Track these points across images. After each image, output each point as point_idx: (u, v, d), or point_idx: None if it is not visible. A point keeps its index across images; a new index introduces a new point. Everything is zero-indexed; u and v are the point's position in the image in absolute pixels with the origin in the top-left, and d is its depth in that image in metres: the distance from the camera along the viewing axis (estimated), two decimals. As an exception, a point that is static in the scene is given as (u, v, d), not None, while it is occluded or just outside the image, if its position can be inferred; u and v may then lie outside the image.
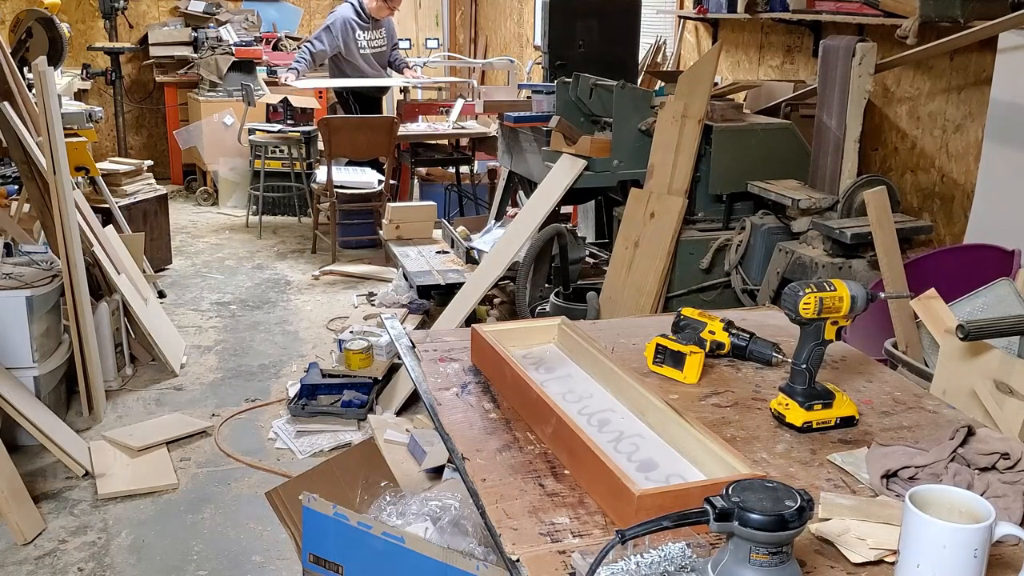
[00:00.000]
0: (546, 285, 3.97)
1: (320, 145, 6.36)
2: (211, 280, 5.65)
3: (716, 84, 4.36)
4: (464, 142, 6.51)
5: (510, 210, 4.82)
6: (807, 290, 1.47)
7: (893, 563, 1.10)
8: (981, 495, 1.21)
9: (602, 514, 1.24)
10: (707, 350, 1.75)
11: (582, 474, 1.31)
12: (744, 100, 4.37)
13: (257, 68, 7.77)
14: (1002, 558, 1.13)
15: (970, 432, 1.29)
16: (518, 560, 1.14)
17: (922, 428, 1.53)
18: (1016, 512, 1.18)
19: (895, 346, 2.66)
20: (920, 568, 1.03)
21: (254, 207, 6.82)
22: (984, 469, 1.25)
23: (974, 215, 3.30)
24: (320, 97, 7.77)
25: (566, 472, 1.35)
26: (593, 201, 4.71)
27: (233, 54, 7.64)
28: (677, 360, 1.68)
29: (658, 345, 1.71)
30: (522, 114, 4.50)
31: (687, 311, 1.81)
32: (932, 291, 2.41)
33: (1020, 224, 2.96)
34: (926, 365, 2.49)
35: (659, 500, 1.17)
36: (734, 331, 1.79)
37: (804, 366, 1.52)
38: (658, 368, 1.71)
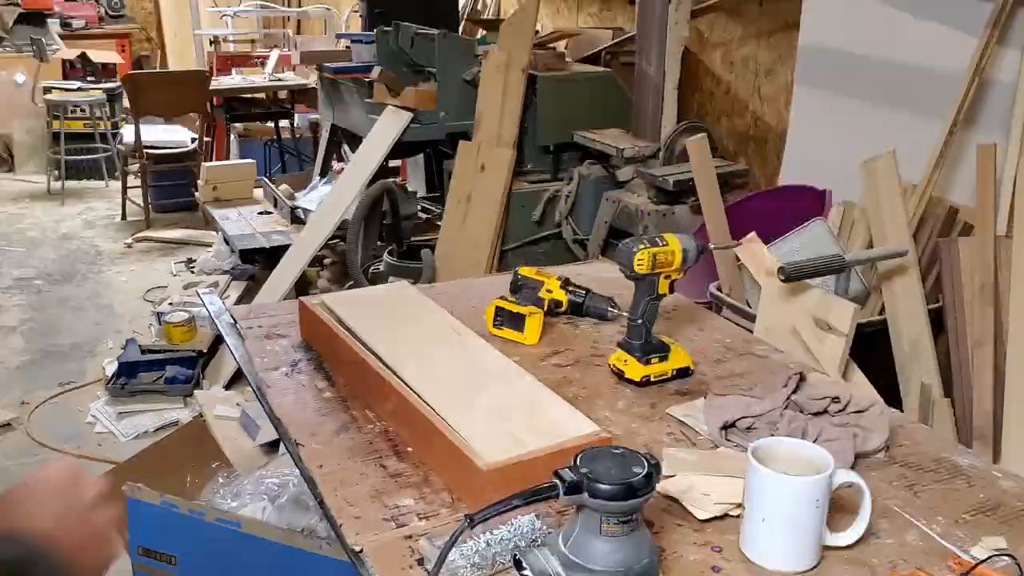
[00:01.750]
0: (378, 243, 3.87)
1: (126, 102, 5.94)
2: (11, 254, 5.21)
3: (537, 32, 4.33)
4: (283, 95, 6.26)
5: (335, 165, 4.67)
6: (640, 246, 1.46)
7: (738, 516, 1.11)
8: (815, 440, 1.25)
9: (448, 491, 1.20)
10: (545, 309, 1.73)
11: (426, 451, 1.26)
12: (566, 48, 4.37)
13: (49, 20, 7.16)
14: (837, 501, 1.16)
15: (802, 378, 1.33)
16: (362, 551, 1.08)
17: (754, 373, 1.57)
18: (848, 454, 1.22)
19: (719, 289, 2.74)
20: (766, 522, 1.04)
21: (55, 172, 6.32)
22: (817, 414, 1.29)
23: (787, 157, 3.44)
24: (123, 51, 7.25)
25: (409, 449, 1.29)
26: (422, 154, 4.63)
27: (19, 4, 7.00)
28: (516, 322, 1.65)
29: (497, 308, 1.67)
30: (342, 65, 4.34)
31: (524, 270, 1.78)
32: (752, 234, 2.48)
33: (831, 164, 3.10)
34: (749, 306, 2.58)
35: (507, 473, 1.14)
36: (571, 288, 1.78)
37: (640, 321, 1.52)
38: (498, 331, 1.67)
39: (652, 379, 1.52)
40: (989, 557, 1.05)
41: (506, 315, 1.66)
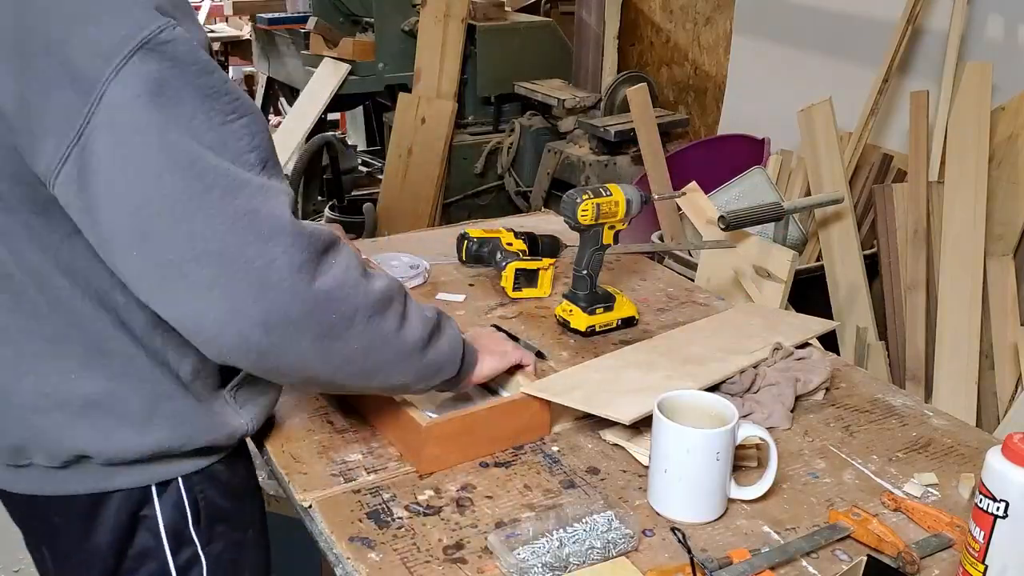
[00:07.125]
0: (319, 198, 3.82)
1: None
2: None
3: (476, -19, 4.28)
4: (215, 47, 6.09)
5: (273, 119, 4.58)
6: (584, 196, 1.47)
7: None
8: (757, 385, 1.27)
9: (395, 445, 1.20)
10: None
11: (369, 410, 1.25)
12: (505, -3, 4.32)
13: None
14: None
15: (742, 325, 1.35)
16: (310, 506, 1.08)
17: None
18: (789, 397, 1.25)
19: (661, 239, 2.77)
20: (668, 473, 1.05)
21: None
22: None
23: (726, 106, 3.46)
24: None
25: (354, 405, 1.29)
26: (361, 107, 4.56)
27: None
28: (531, 279, 1.65)
29: (516, 271, 1.65)
30: (276, 15, 4.24)
31: (473, 232, 1.77)
32: (693, 184, 2.50)
33: (768, 113, 3.13)
34: (690, 255, 2.61)
35: (447, 428, 1.14)
36: (522, 236, 1.78)
37: (585, 272, 1.53)
38: (518, 293, 1.66)
39: (597, 329, 1.53)
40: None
41: (523, 276, 1.65)
